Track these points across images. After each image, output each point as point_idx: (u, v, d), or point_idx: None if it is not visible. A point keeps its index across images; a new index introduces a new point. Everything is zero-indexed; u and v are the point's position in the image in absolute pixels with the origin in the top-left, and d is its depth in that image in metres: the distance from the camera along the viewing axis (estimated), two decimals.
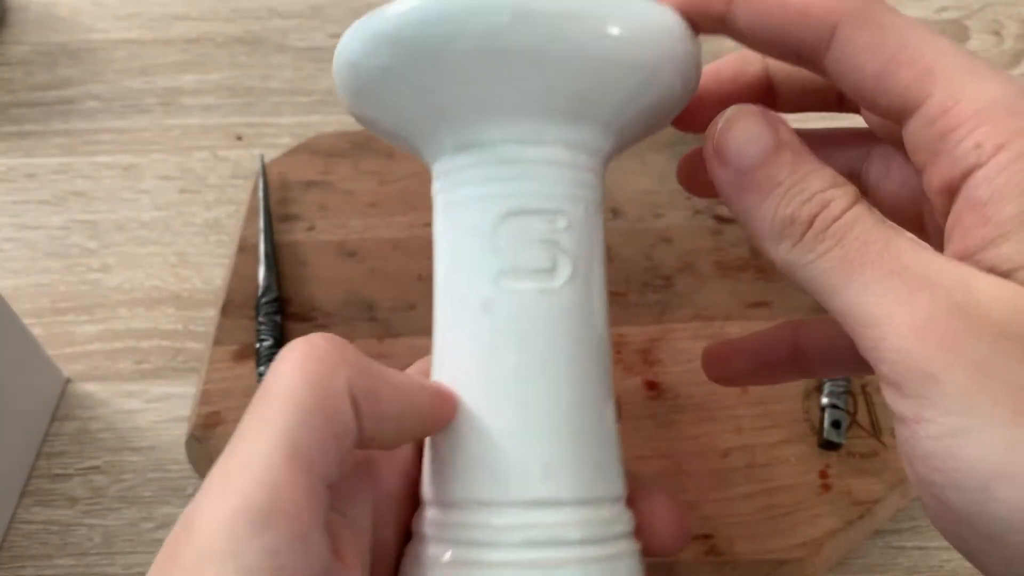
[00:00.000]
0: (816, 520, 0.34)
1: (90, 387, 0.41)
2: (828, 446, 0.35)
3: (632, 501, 0.23)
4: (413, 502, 0.23)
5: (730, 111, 0.20)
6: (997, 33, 0.58)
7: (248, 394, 0.37)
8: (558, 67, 0.20)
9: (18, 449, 0.37)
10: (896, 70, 0.19)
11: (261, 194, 0.44)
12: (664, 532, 0.24)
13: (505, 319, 0.21)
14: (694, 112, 0.24)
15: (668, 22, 0.21)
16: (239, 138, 0.52)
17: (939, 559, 0.35)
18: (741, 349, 0.29)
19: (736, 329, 0.40)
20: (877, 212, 0.19)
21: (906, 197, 0.23)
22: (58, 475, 0.38)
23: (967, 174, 0.18)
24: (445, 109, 0.21)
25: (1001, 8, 0.60)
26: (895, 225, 0.19)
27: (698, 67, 0.22)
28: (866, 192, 0.25)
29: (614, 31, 0.20)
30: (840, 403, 0.36)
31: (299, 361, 0.19)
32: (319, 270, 0.42)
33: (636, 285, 0.42)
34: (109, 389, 0.41)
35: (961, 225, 0.18)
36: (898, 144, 0.23)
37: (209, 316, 0.43)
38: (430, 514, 0.22)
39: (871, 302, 0.18)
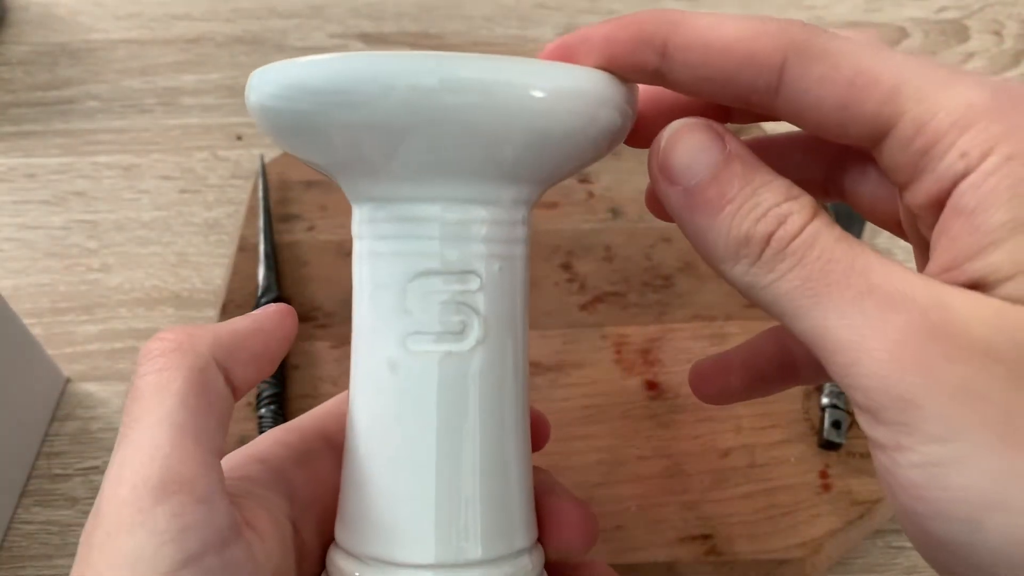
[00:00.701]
0: (816, 520, 0.34)
1: (90, 387, 0.41)
2: (828, 446, 0.35)
3: (540, 505, 0.23)
4: (334, 510, 0.24)
5: (673, 126, 0.19)
6: (997, 33, 0.58)
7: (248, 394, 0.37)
8: (481, 132, 0.19)
9: (18, 449, 0.37)
10: (859, 96, 0.17)
11: (261, 194, 0.44)
12: (571, 536, 0.24)
13: (410, 381, 0.21)
14: (646, 128, 0.23)
15: (594, 85, 0.20)
16: (239, 138, 0.52)
17: None
18: (732, 364, 0.27)
19: (735, 329, 0.40)
20: (838, 227, 0.18)
21: (885, 197, 0.23)
22: (58, 475, 0.38)
23: (953, 185, 0.17)
24: (360, 163, 0.20)
25: (1001, 8, 0.60)
26: (859, 241, 0.18)
27: (631, 113, 0.21)
28: (843, 194, 0.24)
29: (539, 100, 0.19)
30: (840, 403, 0.36)
31: (158, 358, 0.20)
32: (319, 270, 0.42)
33: (636, 285, 0.42)
34: (109, 389, 0.41)
35: (947, 235, 0.17)
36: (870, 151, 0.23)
37: (209, 316, 0.43)
38: (338, 557, 0.22)
39: (839, 326, 0.17)
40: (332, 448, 0.24)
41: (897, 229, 0.24)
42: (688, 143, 0.19)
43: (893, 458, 0.16)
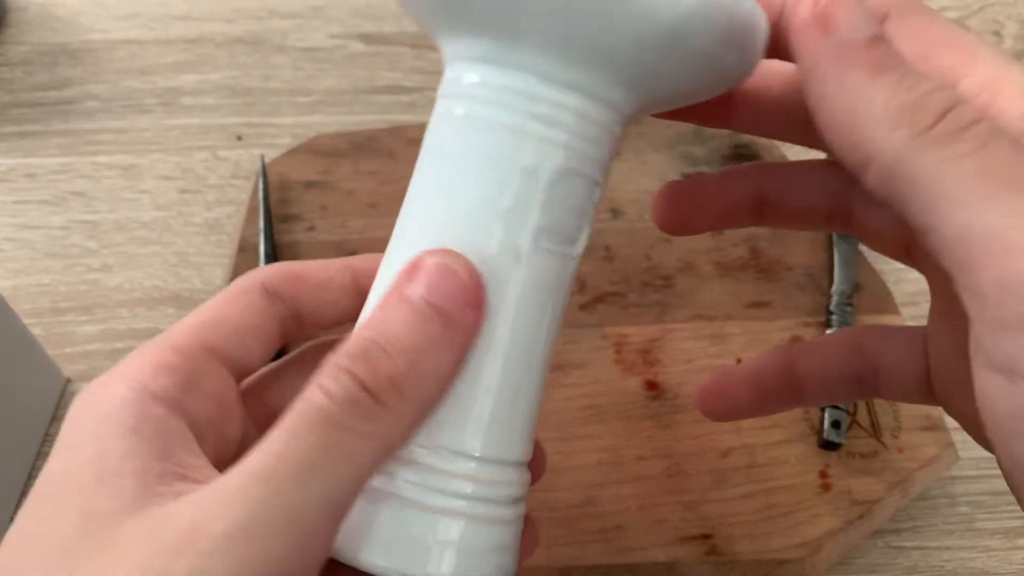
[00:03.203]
0: (816, 520, 0.34)
1: None
2: (828, 446, 0.35)
3: None
4: (227, 430, 0.23)
5: None
6: (997, 33, 0.58)
7: None
8: (631, 16, 0.18)
9: (18, 449, 0.37)
10: (939, 52, 0.19)
11: (261, 194, 0.44)
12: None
13: (527, 276, 0.20)
14: (723, 103, 0.23)
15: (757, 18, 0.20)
16: (239, 138, 0.52)
17: (939, 559, 0.35)
18: (739, 380, 0.27)
19: (736, 329, 0.40)
20: None
21: (894, 225, 0.23)
22: None
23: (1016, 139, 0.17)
24: (507, 19, 0.19)
25: (1001, 8, 0.60)
26: None
27: (752, 68, 0.21)
28: (849, 223, 0.24)
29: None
30: (840, 403, 0.36)
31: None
32: None
33: (636, 285, 0.42)
34: None
35: None
36: None
37: None
38: None
39: (1017, 226, 0.15)
40: (217, 360, 0.22)
41: (904, 257, 0.24)
42: (853, 5, 0.18)
43: None
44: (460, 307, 0.19)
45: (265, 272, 0.24)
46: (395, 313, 0.19)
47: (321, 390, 0.18)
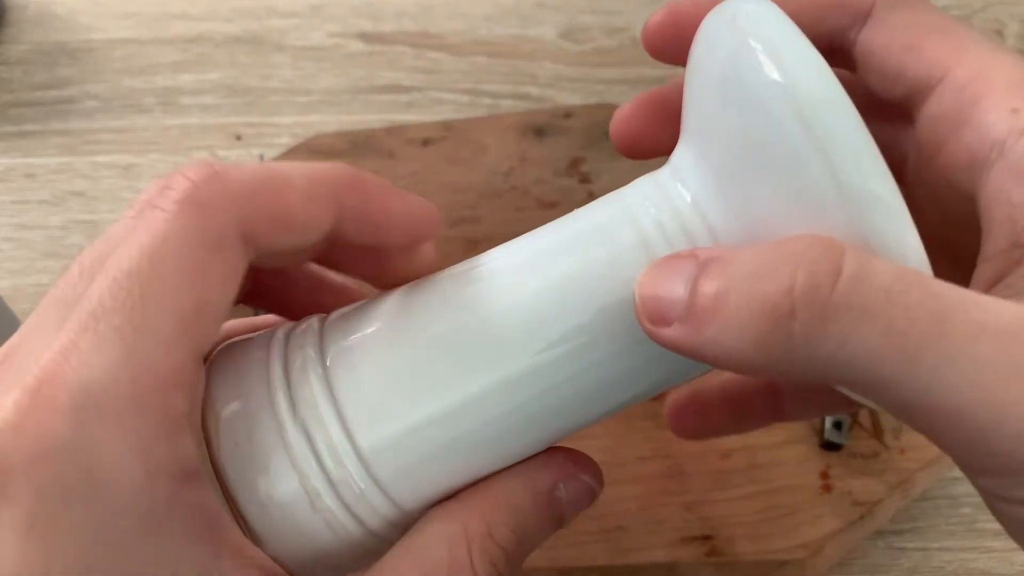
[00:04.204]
0: (817, 521, 0.34)
1: None
2: (829, 447, 0.35)
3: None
4: None
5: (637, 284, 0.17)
6: (999, 32, 0.58)
7: None
8: None
9: None
10: (926, 43, 0.18)
11: None
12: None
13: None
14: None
15: None
16: (239, 138, 0.51)
17: (940, 560, 0.35)
18: (712, 397, 0.26)
19: None
20: (881, 259, 0.14)
21: None
22: None
23: (1000, 141, 0.16)
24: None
25: (1002, 8, 0.60)
26: (915, 269, 0.15)
27: None
28: None
29: None
30: (821, 415, 0.36)
31: (179, 211, 0.19)
32: None
33: None
34: None
35: (1009, 201, 0.16)
36: None
37: None
38: (311, 369, 0.20)
39: (959, 384, 0.13)
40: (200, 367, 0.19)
41: None
42: (654, 277, 0.17)
43: None
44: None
45: (244, 210, 0.19)
46: (537, 515, 0.20)
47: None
